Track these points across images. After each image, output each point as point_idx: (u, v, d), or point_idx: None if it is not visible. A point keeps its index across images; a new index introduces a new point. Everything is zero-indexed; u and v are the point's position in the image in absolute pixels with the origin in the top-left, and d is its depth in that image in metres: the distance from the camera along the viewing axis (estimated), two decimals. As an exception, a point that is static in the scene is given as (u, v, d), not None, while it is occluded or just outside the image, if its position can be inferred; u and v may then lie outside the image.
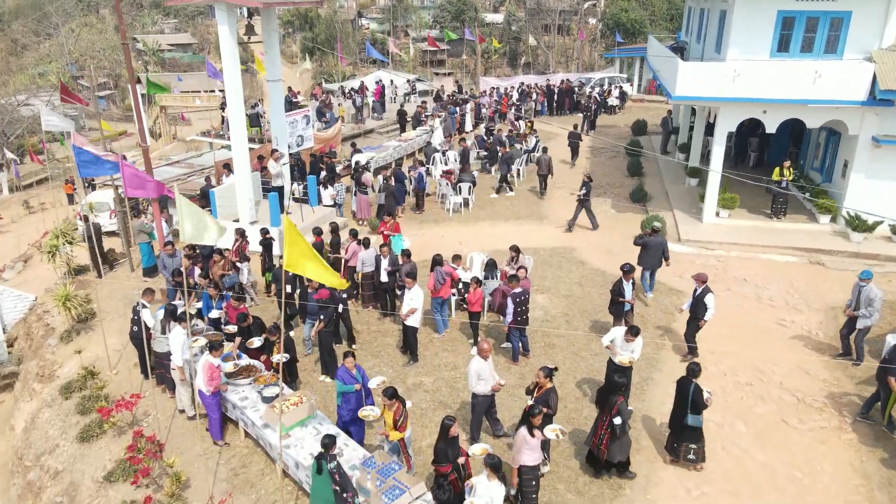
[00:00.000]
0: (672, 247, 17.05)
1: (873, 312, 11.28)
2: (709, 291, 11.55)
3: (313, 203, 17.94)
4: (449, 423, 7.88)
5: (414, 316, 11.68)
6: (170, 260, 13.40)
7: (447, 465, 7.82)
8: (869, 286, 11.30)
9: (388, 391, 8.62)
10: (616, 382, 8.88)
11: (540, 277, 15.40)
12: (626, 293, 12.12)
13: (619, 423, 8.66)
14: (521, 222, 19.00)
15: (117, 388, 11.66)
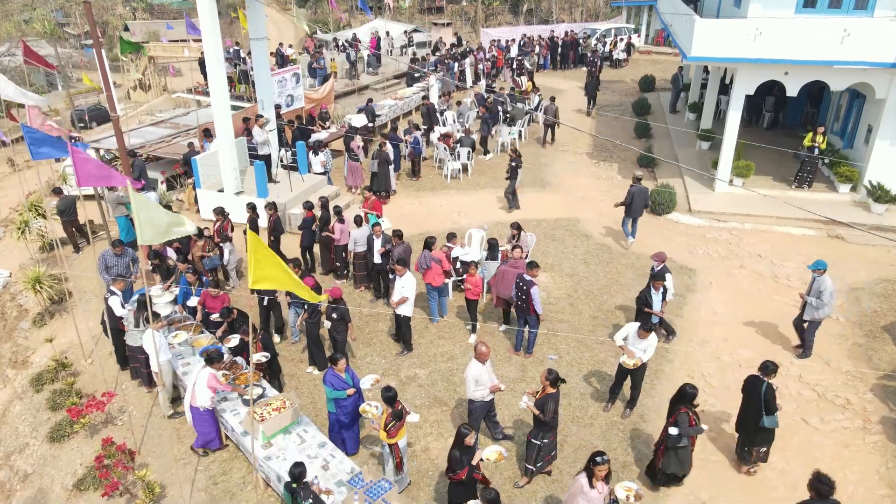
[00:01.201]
0: (682, 219, 16.24)
1: (821, 305, 10.47)
2: (667, 271, 10.87)
3: (303, 171, 16.90)
4: (466, 431, 7.20)
5: (406, 304, 10.85)
6: (114, 260, 11.97)
7: (464, 471, 7.14)
8: (822, 278, 10.50)
9: (388, 397, 7.86)
10: (687, 393, 8.11)
11: (542, 253, 14.52)
12: (653, 303, 10.53)
13: (675, 434, 7.98)
14: (522, 190, 17.92)
15: (91, 381, 10.94)
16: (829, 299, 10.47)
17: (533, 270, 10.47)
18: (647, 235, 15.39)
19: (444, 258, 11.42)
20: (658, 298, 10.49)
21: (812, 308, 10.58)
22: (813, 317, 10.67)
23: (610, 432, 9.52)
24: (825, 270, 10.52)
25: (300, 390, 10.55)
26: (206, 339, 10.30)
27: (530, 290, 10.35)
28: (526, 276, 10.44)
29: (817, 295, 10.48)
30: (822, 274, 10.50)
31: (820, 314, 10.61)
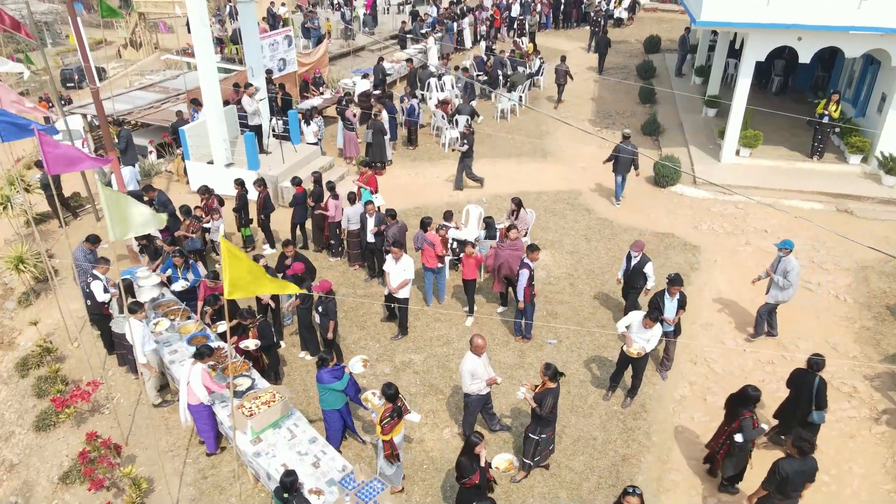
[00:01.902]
0: (687, 191, 15.77)
1: (787, 286, 10.06)
2: (648, 260, 10.40)
3: (295, 141, 16.32)
4: (476, 441, 6.89)
5: (405, 287, 10.49)
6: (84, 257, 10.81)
7: (475, 475, 6.89)
8: (788, 257, 10.07)
9: (389, 394, 7.56)
10: (750, 396, 7.73)
11: (542, 229, 14.09)
12: (666, 310, 9.48)
13: (740, 442, 7.67)
14: (522, 160, 17.44)
15: (77, 366, 10.65)
16: (795, 280, 10.07)
17: (533, 254, 10.04)
18: (651, 209, 14.95)
19: (438, 242, 10.99)
20: (673, 306, 9.47)
21: (777, 288, 10.15)
22: (777, 299, 10.26)
23: (610, 423, 9.26)
24: (791, 250, 10.09)
25: (291, 376, 10.28)
26: (194, 324, 9.97)
27: (519, 272, 9.98)
28: (525, 259, 10.04)
29: (783, 274, 10.05)
30: (788, 254, 10.07)
31: (784, 296, 10.21)
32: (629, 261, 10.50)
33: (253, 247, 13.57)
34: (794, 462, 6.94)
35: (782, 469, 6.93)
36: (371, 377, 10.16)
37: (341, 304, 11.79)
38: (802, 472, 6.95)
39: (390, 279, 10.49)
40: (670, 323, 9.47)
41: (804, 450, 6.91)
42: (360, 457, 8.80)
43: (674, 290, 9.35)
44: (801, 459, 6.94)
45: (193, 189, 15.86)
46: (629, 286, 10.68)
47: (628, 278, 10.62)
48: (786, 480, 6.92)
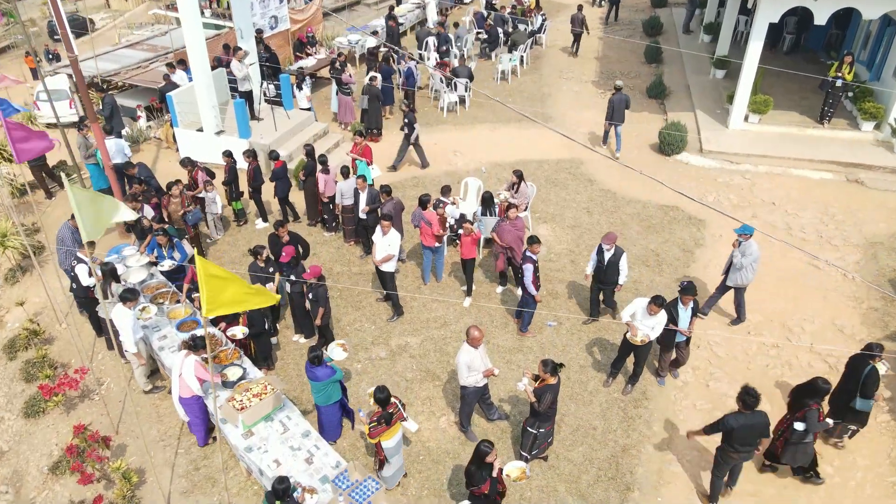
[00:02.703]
0: (693, 160, 15.30)
1: (743, 265, 9.69)
2: (622, 252, 9.69)
3: (288, 107, 15.72)
4: (486, 450, 6.56)
5: (391, 261, 10.17)
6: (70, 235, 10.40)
7: (485, 485, 6.66)
8: (748, 242, 9.67)
9: (380, 398, 7.28)
10: (820, 388, 7.51)
11: (543, 201, 13.68)
12: (680, 320, 8.84)
13: (801, 430, 7.52)
14: (523, 126, 16.84)
15: (66, 348, 10.41)
16: (751, 263, 9.70)
17: (534, 246, 9.57)
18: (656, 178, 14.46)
19: (435, 221, 10.59)
20: (687, 315, 8.78)
21: (736, 270, 9.80)
22: (736, 282, 9.92)
23: (610, 411, 9.07)
24: (751, 235, 9.69)
25: (285, 360, 10.04)
26: (183, 309, 9.68)
27: (523, 268, 9.60)
28: (527, 252, 9.64)
29: (742, 254, 9.68)
30: (748, 239, 9.69)
31: (743, 278, 9.86)
32: (601, 254, 9.69)
33: (245, 220, 13.19)
34: (741, 416, 7.15)
35: (727, 422, 7.19)
36: (366, 362, 9.94)
37: (336, 283, 11.51)
38: (750, 427, 7.16)
39: (375, 250, 10.19)
40: (685, 334, 8.88)
41: (748, 403, 7.13)
42: (355, 447, 8.64)
43: (686, 299, 8.66)
44: (748, 413, 7.14)
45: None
46: (602, 282, 9.93)
47: (601, 273, 9.82)
48: (731, 433, 7.19)
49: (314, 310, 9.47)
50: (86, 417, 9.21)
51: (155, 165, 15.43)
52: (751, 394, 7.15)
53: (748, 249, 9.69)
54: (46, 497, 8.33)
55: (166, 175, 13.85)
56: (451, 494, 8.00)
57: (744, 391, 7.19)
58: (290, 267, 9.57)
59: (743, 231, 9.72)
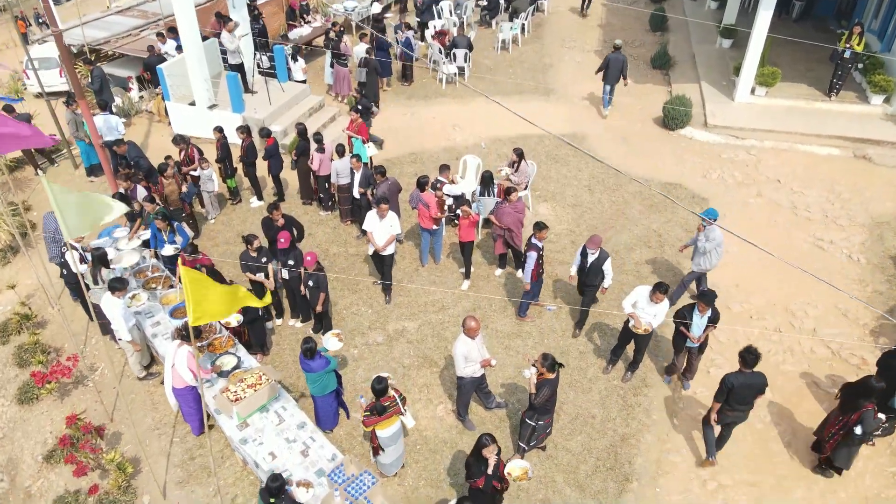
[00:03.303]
0: (697, 134, 14.95)
1: (707, 250, 9.43)
2: (607, 256, 9.14)
3: (282, 79, 15.30)
4: (486, 442, 6.46)
5: (389, 246, 9.95)
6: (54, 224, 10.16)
7: (481, 479, 6.57)
8: (712, 227, 9.41)
9: (378, 389, 7.14)
10: (872, 387, 7.35)
11: (544, 178, 13.40)
12: (693, 327, 8.38)
13: (859, 434, 7.36)
14: (524, 98, 16.45)
15: (59, 331, 10.26)
16: (716, 248, 9.46)
17: (541, 233, 9.31)
18: (658, 155, 14.18)
19: (433, 203, 10.33)
20: (701, 323, 8.30)
21: (700, 254, 9.55)
22: (700, 266, 9.67)
23: (609, 399, 8.97)
24: (715, 220, 9.43)
25: (281, 346, 9.91)
26: (176, 294, 9.50)
27: (527, 255, 9.38)
28: (533, 238, 9.42)
29: (706, 237, 9.42)
30: (712, 224, 9.43)
31: (707, 263, 9.62)
32: (585, 257, 9.21)
33: (239, 199, 12.93)
34: (741, 375, 7.38)
35: (728, 381, 7.40)
36: (363, 347, 9.81)
37: (332, 265, 11.32)
38: (749, 385, 7.38)
39: (375, 238, 9.90)
40: (695, 341, 8.44)
41: (749, 362, 7.34)
42: (351, 436, 8.56)
43: (703, 307, 8.18)
44: (748, 373, 7.36)
45: (176, 131, 15.07)
46: (585, 283, 9.52)
47: (584, 276, 9.40)
48: (732, 391, 7.38)
49: (314, 296, 9.30)
50: (80, 404, 9.12)
51: (147, 140, 15.11)
52: (752, 352, 7.31)
53: (712, 234, 9.46)
54: (42, 486, 8.28)
55: (160, 151, 13.58)
56: (449, 485, 7.95)
57: (745, 350, 7.35)
58: (286, 252, 9.35)
59: (707, 215, 9.47)
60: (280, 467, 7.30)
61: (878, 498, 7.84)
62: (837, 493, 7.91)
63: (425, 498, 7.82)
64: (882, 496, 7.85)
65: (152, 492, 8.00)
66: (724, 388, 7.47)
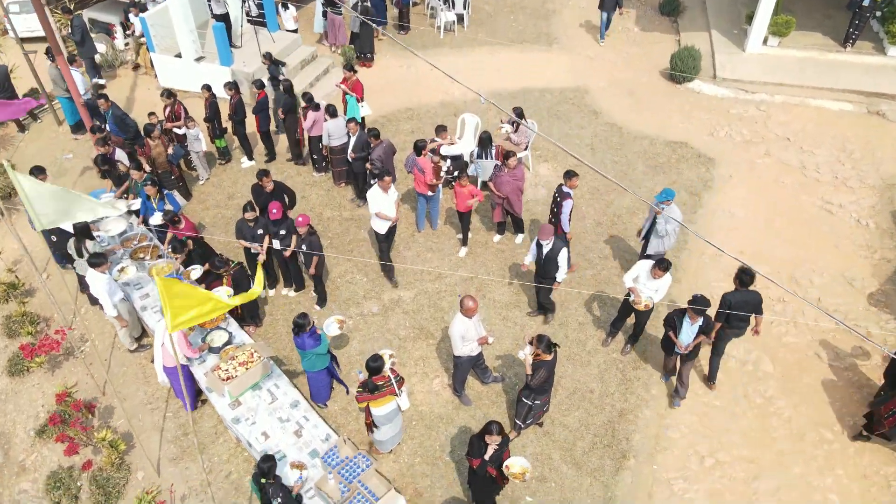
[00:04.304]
0: (705, 88, 14.42)
1: (666, 234, 8.93)
2: (561, 247, 8.52)
3: (272, 28, 14.57)
4: (492, 429, 6.31)
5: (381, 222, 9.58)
6: None
7: (476, 461, 6.50)
8: (670, 207, 8.85)
9: (373, 367, 6.96)
10: None
11: (544, 137, 12.87)
12: (682, 334, 7.85)
13: None
14: (526, 49, 15.75)
15: (48, 300, 10.04)
16: (674, 229, 8.95)
17: (572, 180, 9.07)
18: (664, 111, 13.66)
19: (429, 169, 9.93)
20: (692, 332, 7.77)
21: (658, 237, 9.02)
22: (657, 249, 9.15)
23: (608, 373, 8.83)
24: (672, 200, 8.87)
25: (274, 316, 9.72)
26: (166, 264, 9.22)
27: (563, 203, 9.10)
28: (564, 187, 9.17)
29: (666, 220, 8.87)
30: (670, 204, 8.87)
31: (665, 245, 9.12)
32: (539, 249, 8.61)
33: (229, 158, 12.49)
34: (738, 293, 7.82)
35: (726, 299, 7.84)
36: (358, 318, 9.61)
37: (326, 230, 11.02)
38: (746, 302, 7.79)
39: (386, 213, 9.40)
40: (682, 349, 7.92)
41: (745, 281, 7.77)
42: (346, 411, 8.46)
43: (694, 316, 7.60)
44: (743, 291, 7.79)
45: (163, 84, 14.49)
46: (540, 276, 8.90)
47: (539, 268, 8.80)
48: (731, 308, 7.77)
49: (308, 260, 9.04)
50: (71, 377, 9.00)
51: (133, 94, 14.54)
52: (747, 272, 7.74)
53: (671, 215, 8.84)
54: (35, 460, 8.23)
55: (147, 105, 13.10)
56: (445, 462, 7.88)
57: (741, 270, 7.76)
58: (277, 223, 9.03)
59: (665, 197, 8.83)
60: (273, 448, 7.21)
61: (878, 475, 7.79)
62: (835, 469, 7.86)
63: (421, 475, 7.77)
64: (881, 473, 7.81)
65: (146, 468, 7.96)
66: (723, 307, 7.84)
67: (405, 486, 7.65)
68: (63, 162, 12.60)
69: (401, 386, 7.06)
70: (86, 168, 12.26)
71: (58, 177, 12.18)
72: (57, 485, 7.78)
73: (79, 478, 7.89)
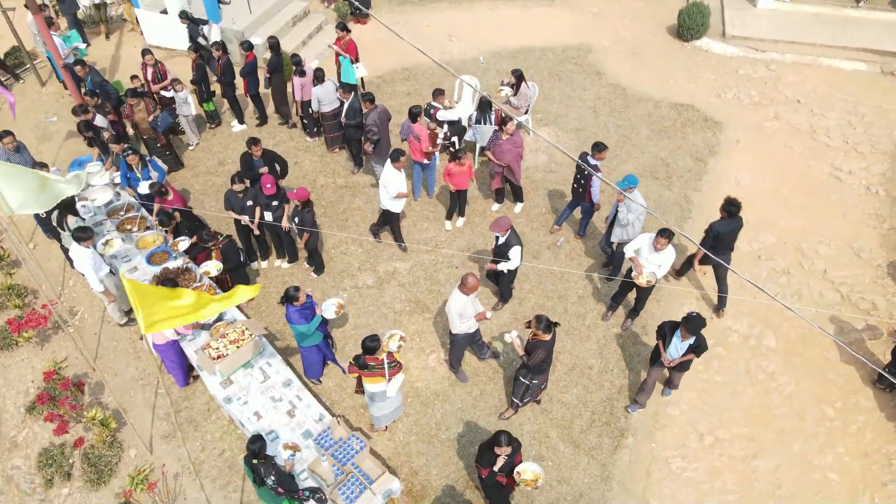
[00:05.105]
0: (714, 46, 13.85)
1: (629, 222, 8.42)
2: (514, 244, 8.09)
3: (261, -18, 13.91)
4: (500, 441, 6.07)
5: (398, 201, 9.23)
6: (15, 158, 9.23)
7: (486, 471, 6.33)
8: (633, 195, 8.34)
9: (369, 347, 6.72)
10: None
11: (546, 98, 12.46)
12: (670, 348, 7.32)
13: None
14: (528, 4, 15.09)
15: (35, 271, 9.81)
16: (638, 217, 8.41)
17: (601, 153, 8.80)
18: (670, 71, 13.15)
19: (425, 136, 9.54)
20: (682, 347, 7.25)
21: (620, 226, 8.57)
22: (621, 238, 8.69)
23: (607, 348, 8.66)
24: (635, 187, 8.34)
25: (267, 288, 9.50)
26: (153, 236, 8.96)
27: (593, 178, 8.86)
28: (590, 158, 8.87)
29: (627, 208, 8.39)
30: (633, 191, 8.34)
31: (629, 233, 8.62)
32: (497, 240, 8.26)
33: (219, 122, 12.07)
34: (724, 222, 8.14)
35: (714, 228, 8.14)
36: (353, 290, 9.40)
37: (319, 197, 10.71)
38: (732, 231, 8.21)
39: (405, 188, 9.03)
40: (667, 363, 7.37)
41: (731, 212, 8.08)
42: (341, 387, 8.32)
43: (686, 333, 7.02)
44: (729, 220, 8.12)
45: (150, 42, 13.95)
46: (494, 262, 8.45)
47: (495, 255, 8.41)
48: (718, 237, 8.14)
49: (301, 232, 8.79)
50: (61, 351, 8.84)
51: (119, 52, 13.99)
52: (733, 203, 8.04)
53: (634, 203, 8.36)
54: (27, 436, 8.13)
55: (134, 64, 12.60)
56: (440, 440, 7.78)
57: (727, 201, 8.07)
58: (270, 196, 8.71)
59: (627, 185, 8.31)
60: (266, 428, 7.08)
61: (879, 453, 7.69)
62: (836, 447, 7.76)
63: (416, 453, 7.68)
64: (882, 451, 7.71)
65: (139, 445, 7.86)
66: (709, 236, 8.15)
67: (400, 465, 7.57)
68: (47, 125, 12.19)
69: (393, 374, 6.83)
70: (70, 132, 11.85)
71: (42, 141, 11.81)
72: (49, 462, 7.70)
73: (71, 455, 7.80)
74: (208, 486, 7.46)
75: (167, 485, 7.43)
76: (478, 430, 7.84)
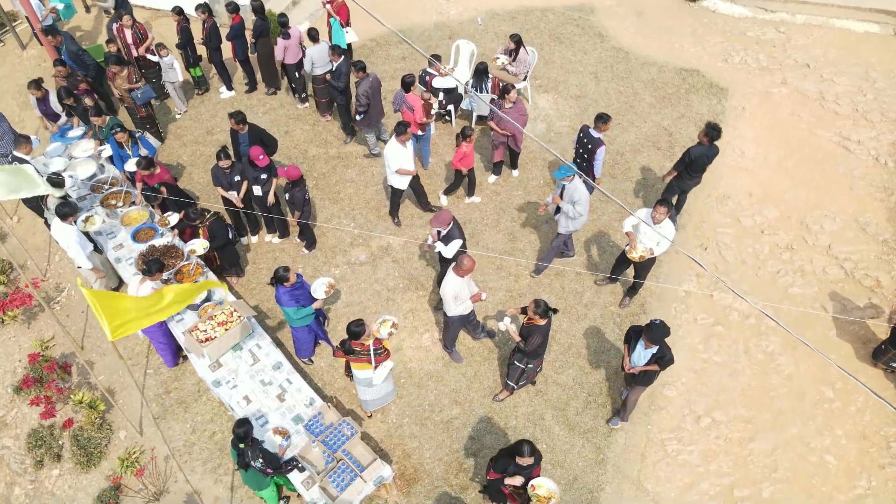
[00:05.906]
0: (721, 6, 13.35)
1: (578, 215, 8.03)
2: (454, 237, 7.73)
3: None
4: (522, 451, 5.79)
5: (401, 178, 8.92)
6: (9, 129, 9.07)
7: (495, 475, 6.18)
8: (573, 184, 7.88)
9: (353, 332, 6.55)
10: None
11: (546, 63, 12.00)
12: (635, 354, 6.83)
13: None
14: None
15: (21, 246, 9.58)
16: (584, 209, 8.01)
17: (605, 125, 8.42)
18: (675, 34, 12.65)
19: (419, 107, 9.16)
20: (645, 356, 6.71)
21: (568, 219, 8.18)
22: (569, 229, 8.32)
23: (605, 326, 8.48)
24: (573, 177, 7.87)
25: (257, 264, 9.29)
26: (138, 212, 8.69)
27: (597, 151, 8.51)
28: (592, 131, 8.55)
29: (571, 203, 7.99)
30: (571, 181, 7.89)
31: (575, 225, 8.26)
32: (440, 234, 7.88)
33: (207, 88, 11.65)
34: (702, 147, 8.35)
35: (691, 152, 8.40)
36: (345, 267, 9.19)
37: (311, 168, 10.40)
38: (707, 156, 8.40)
39: (408, 167, 8.68)
40: (627, 370, 6.93)
41: (712, 137, 8.25)
42: (333, 367, 8.19)
43: (650, 343, 6.53)
44: (707, 146, 8.31)
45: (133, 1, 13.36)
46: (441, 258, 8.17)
47: None
48: (693, 161, 8.42)
49: (290, 212, 8.53)
50: (48, 330, 8.69)
51: (101, 13, 13.43)
52: (715, 128, 8.21)
53: (575, 193, 7.90)
54: (16, 416, 8.05)
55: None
56: (434, 422, 7.68)
57: (709, 126, 8.22)
58: (259, 168, 8.41)
59: (563, 174, 7.82)
60: (256, 413, 6.97)
61: (878, 435, 7.60)
62: (834, 429, 7.67)
63: (409, 436, 7.59)
64: (881, 433, 7.62)
65: (128, 427, 7.77)
66: (684, 159, 8.46)
67: (393, 448, 7.49)
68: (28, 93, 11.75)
69: (380, 361, 6.66)
70: (53, 99, 11.45)
71: (24, 109, 11.42)
72: (38, 443, 7.63)
73: (60, 436, 7.71)
74: (199, 469, 7.40)
75: (156, 468, 7.36)
76: (472, 411, 7.74)
